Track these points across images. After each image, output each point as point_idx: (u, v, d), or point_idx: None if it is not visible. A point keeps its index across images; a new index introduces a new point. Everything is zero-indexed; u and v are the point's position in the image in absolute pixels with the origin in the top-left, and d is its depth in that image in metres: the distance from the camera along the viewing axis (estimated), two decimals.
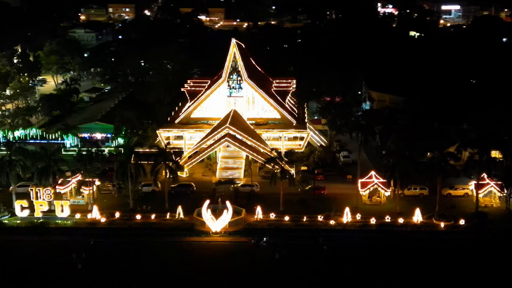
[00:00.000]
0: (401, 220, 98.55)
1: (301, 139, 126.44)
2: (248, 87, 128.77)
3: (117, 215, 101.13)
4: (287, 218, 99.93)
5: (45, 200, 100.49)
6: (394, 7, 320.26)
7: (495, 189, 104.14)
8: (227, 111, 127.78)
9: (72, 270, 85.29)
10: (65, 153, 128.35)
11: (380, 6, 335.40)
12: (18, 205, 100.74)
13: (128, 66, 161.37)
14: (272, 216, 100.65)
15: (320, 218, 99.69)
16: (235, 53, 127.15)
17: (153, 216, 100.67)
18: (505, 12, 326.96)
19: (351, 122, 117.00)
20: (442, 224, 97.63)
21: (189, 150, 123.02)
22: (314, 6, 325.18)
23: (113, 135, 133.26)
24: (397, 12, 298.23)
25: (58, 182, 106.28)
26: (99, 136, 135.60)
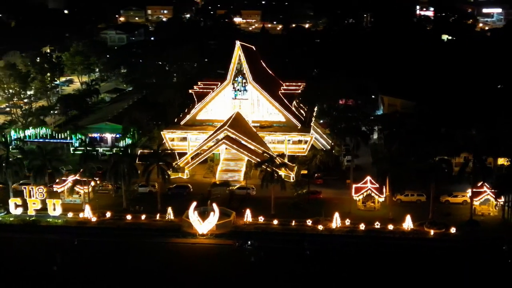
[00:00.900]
0: (391, 227, 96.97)
1: (304, 142, 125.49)
2: (253, 89, 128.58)
3: (108, 214, 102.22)
4: (275, 222, 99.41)
5: (38, 198, 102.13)
6: (433, 10, 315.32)
7: (491, 197, 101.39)
8: (232, 113, 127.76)
9: (48, 270, 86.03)
10: (74, 152, 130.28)
11: (419, 8, 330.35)
12: (12, 202, 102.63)
13: (143, 67, 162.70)
14: (261, 219, 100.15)
15: (309, 222, 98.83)
16: (240, 55, 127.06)
17: (143, 217, 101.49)
18: None
19: (351, 126, 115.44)
20: (432, 232, 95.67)
21: (196, 151, 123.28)
22: (352, 9, 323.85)
23: (121, 135, 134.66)
24: (433, 15, 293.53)
25: (56, 181, 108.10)
26: (108, 136, 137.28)
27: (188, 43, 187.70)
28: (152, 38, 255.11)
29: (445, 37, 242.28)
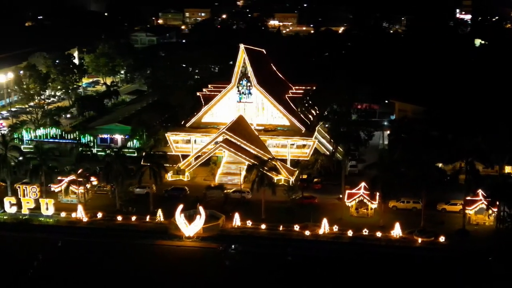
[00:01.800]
0: (379, 234, 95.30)
1: (308, 147, 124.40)
2: (258, 93, 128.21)
3: (100, 215, 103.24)
4: (263, 226, 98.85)
5: (31, 197, 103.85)
6: (471, 13, 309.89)
7: (485, 206, 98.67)
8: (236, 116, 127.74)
9: (25, 271, 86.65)
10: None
11: (459, 12, 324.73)
12: (7, 201, 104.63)
13: (158, 69, 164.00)
14: (249, 223, 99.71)
15: (297, 228, 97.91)
16: (245, 58, 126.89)
17: (133, 218, 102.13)
18: None
19: (343, 131, 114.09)
20: (420, 240, 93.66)
21: (198, 154, 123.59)
22: (391, 12, 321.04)
23: (129, 136, 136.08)
24: (471, 18, 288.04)
25: (56, 180, 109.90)
26: (118, 137, 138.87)
27: (213, 45, 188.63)
28: (184, 41, 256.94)
29: (478, 41, 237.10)
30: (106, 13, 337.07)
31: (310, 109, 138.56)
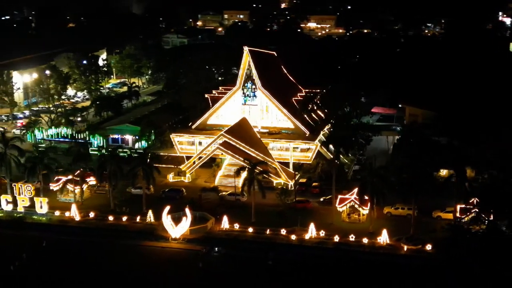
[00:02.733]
0: (365, 240, 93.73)
1: (311, 150, 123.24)
2: (262, 95, 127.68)
3: (92, 215, 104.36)
4: (250, 230, 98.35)
5: (26, 196, 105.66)
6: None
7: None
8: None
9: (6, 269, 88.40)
10: (92, 152, 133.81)
11: (501, 14, 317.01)
12: (4, 199, 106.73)
13: (174, 70, 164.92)
14: (236, 226, 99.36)
15: (283, 232, 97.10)
16: (250, 61, 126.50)
17: (124, 218, 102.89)
18: None
19: (338, 135, 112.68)
20: (405, 248, 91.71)
21: (200, 155, 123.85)
22: (430, 15, 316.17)
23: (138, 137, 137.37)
24: (511, 22, 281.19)
25: (54, 179, 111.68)
26: (129, 138, 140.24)
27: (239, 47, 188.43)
28: (213, 42, 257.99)
29: None
30: (146, 15, 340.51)
31: (318, 112, 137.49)
